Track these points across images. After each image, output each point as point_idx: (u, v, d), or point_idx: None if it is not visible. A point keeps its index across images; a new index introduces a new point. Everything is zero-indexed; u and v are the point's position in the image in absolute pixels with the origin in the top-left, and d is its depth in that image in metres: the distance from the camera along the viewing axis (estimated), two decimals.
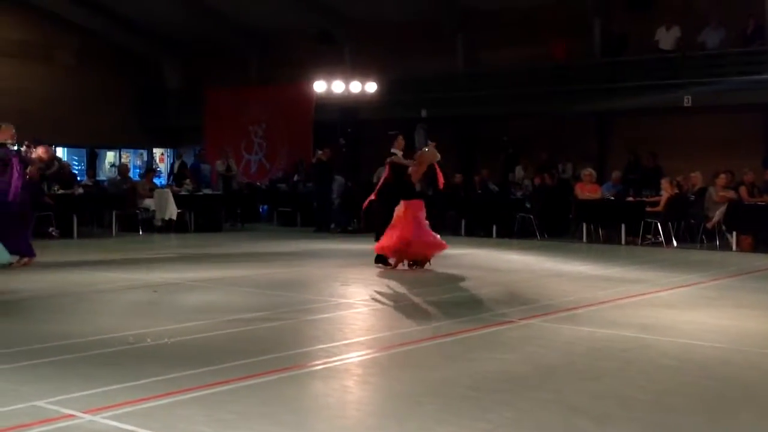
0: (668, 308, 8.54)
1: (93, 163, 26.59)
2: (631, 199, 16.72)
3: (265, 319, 7.72)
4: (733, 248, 14.86)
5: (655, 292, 9.71)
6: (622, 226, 16.18)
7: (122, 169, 21.90)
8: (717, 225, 15.28)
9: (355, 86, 20.88)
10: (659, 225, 15.59)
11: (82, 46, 26.71)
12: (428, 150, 12.21)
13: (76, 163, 26.56)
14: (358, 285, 10.35)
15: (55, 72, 26.14)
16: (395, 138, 12.42)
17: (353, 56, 24.49)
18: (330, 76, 21.10)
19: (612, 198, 17.11)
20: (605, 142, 21.75)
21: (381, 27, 23.90)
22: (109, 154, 28.21)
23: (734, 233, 15.03)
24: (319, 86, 21.07)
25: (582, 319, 7.84)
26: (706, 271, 11.73)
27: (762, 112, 19.12)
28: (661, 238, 15.50)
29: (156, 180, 21.48)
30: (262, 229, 20.14)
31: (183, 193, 19.08)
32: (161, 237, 17.51)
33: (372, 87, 20.96)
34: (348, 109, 21.48)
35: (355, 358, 6.31)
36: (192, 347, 6.56)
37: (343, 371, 5.91)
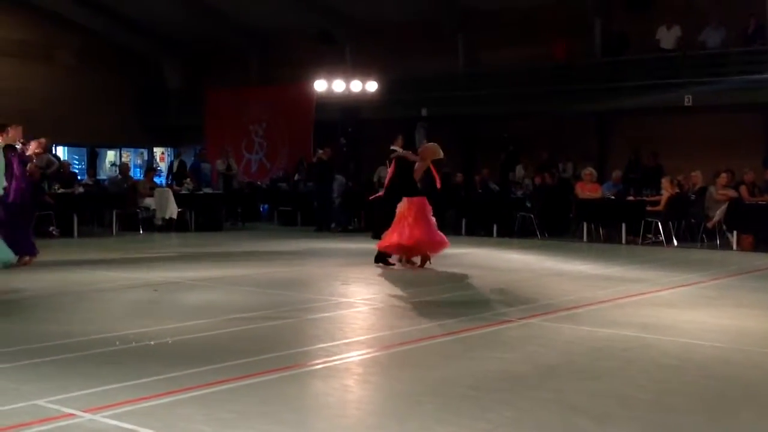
0: (669, 307, 8.54)
1: (93, 162, 26.61)
2: (631, 198, 16.72)
3: (266, 318, 7.72)
4: (734, 247, 14.86)
5: (656, 291, 9.71)
6: (623, 225, 16.18)
7: (123, 169, 21.92)
8: (717, 224, 15.28)
9: (356, 86, 20.88)
10: (660, 224, 15.58)
11: (82, 45, 26.73)
12: (430, 145, 12.20)
13: (77, 162, 26.59)
14: (359, 284, 10.35)
15: (55, 72, 26.16)
16: (395, 138, 12.42)
17: (354, 56, 24.50)
18: (331, 75, 21.11)
19: (612, 197, 17.10)
20: (606, 141, 21.76)
21: (381, 27, 23.91)
22: (110, 153, 28.23)
23: (735, 232, 15.03)
24: (319, 86, 21.07)
25: (582, 319, 7.84)
26: (706, 271, 11.73)
27: (762, 112, 19.12)
28: (662, 237, 15.50)
29: (156, 179, 21.48)
30: (263, 228, 20.14)
31: (183, 192, 19.08)
32: (162, 236, 17.51)
33: (373, 86, 20.96)
34: (349, 108, 21.49)
35: (355, 357, 6.31)
36: (192, 346, 6.56)
37: (343, 370, 5.91)
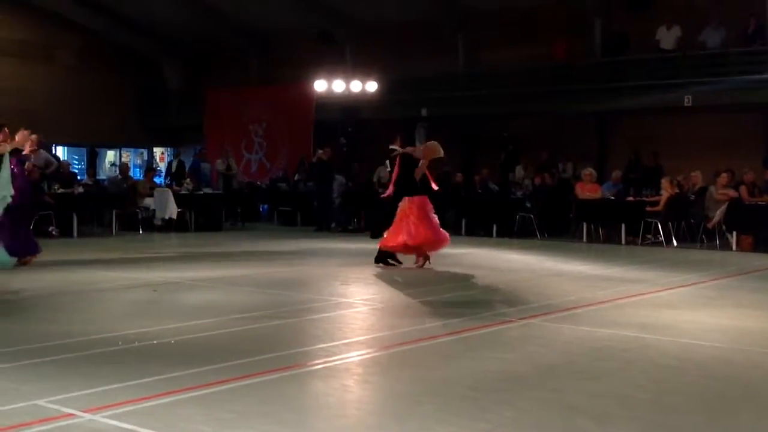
0: (668, 308, 8.54)
1: (93, 162, 26.60)
2: (631, 198, 16.72)
3: (266, 318, 7.72)
4: (733, 248, 14.86)
5: (655, 291, 9.71)
6: (622, 225, 16.19)
7: (123, 169, 21.91)
8: (717, 225, 15.28)
9: (356, 86, 20.89)
10: (659, 225, 15.58)
11: (82, 45, 26.73)
12: (430, 144, 12.19)
13: (77, 162, 26.58)
14: (359, 284, 10.36)
15: (55, 71, 26.15)
16: (393, 138, 12.42)
17: (354, 56, 24.50)
18: (331, 75, 21.11)
19: (612, 197, 17.11)
20: (605, 141, 21.76)
21: (382, 26, 23.91)
22: (110, 153, 28.23)
23: (734, 233, 15.03)
24: (319, 86, 21.07)
25: (582, 319, 7.84)
26: (706, 271, 11.73)
27: (762, 112, 19.12)
28: (661, 237, 15.50)
29: (156, 179, 21.46)
30: (263, 228, 20.13)
31: (183, 192, 19.07)
32: (161, 236, 17.51)
33: (373, 86, 20.96)
34: (349, 108, 21.49)
35: (355, 357, 6.31)
36: (192, 346, 6.56)
37: (343, 370, 5.91)
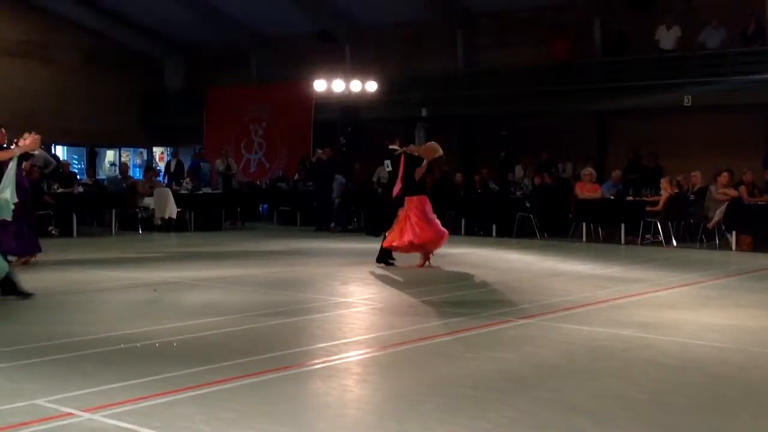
0: (668, 308, 8.54)
1: (93, 161, 26.58)
2: (630, 198, 16.71)
3: (265, 318, 7.72)
4: (733, 248, 14.85)
5: (655, 291, 9.71)
6: (622, 225, 16.18)
7: (122, 168, 21.89)
8: (717, 224, 15.27)
9: (356, 85, 20.87)
10: (659, 224, 15.58)
11: (83, 46, 26.71)
12: (430, 144, 12.22)
13: (76, 161, 26.57)
14: (358, 284, 10.36)
15: (55, 71, 26.13)
16: (393, 138, 12.43)
17: (354, 55, 24.49)
18: (330, 75, 21.09)
19: (612, 197, 17.10)
20: (605, 141, 21.76)
21: (381, 26, 23.90)
22: (109, 153, 28.21)
23: (734, 233, 15.02)
24: (319, 85, 21.05)
25: (581, 319, 7.84)
26: (705, 271, 11.73)
27: (762, 112, 19.11)
28: (661, 237, 15.50)
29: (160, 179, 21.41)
30: (262, 228, 20.13)
31: (183, 192, 19.06)
32: (161, 236, 17.50)
33: (372, 86, 20.94)
34: (348, 108, 21.48)
35: (354, 357, 6.31)
36: (192, 346, 6.56)
37: (342, 370, 5.91)
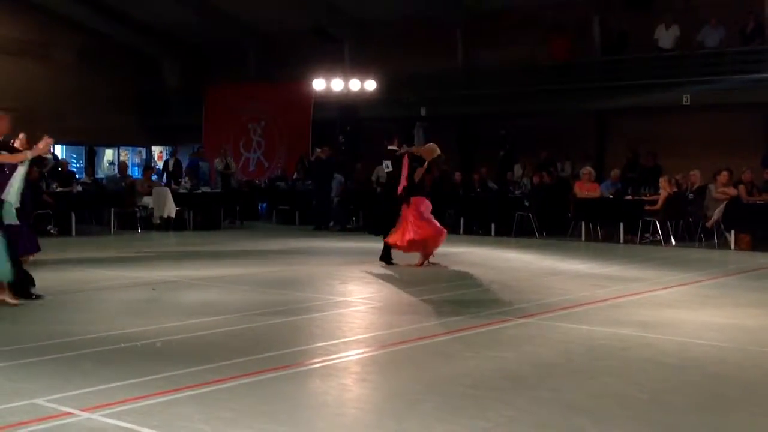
0: (667, 307, 8.55)
1: (92, 160, 26.55)
2: (629, 197, 16.71)
3: (264, 317, 7.72)
4: (732, 247, 14.85)
5: (654, 290, 9.71)
6: (621, 224, 16.18)
7: (121, 167, 21.86)
8: (715, 224, 15.27)
9: (355, 84, 20.85)
10: (657, 223, 15.58)
11: (81, 44, 26.67)
12: (428, 145, 12.24)
13: (75, 161, 26.54)
14: (357, 283, 10.36)
15: (54, 70, 26.10)
16: (392, 138, 12.43)
17: (353, 54, 24.47)
18: (329, 73, 21.07)
19: (611, 196, 17.10)
20: (604, 140, 21.75)
21: (380, 24, 23.88)
22: (108, 151, 28.19)
23: (733, 232, 15.02)
24: (318, 84, 21.03)
25: (580, 318, 7.85)
26: (704, 270, 11.73)
27: (761, 111, 19.10)
28: (660, 236, 15.50)
29: (153, 177, 21.33)
30: (261, 227, 20.12)
31: (181, 191, 19.04)
32: (160, 235, 17.49)
33: (371, 85, 20.93)
34: (347, 107, 21.47)
35: (353, 356, 6.31)
36: (191, 345, 6.56)
37: (341, 369, 5.91)
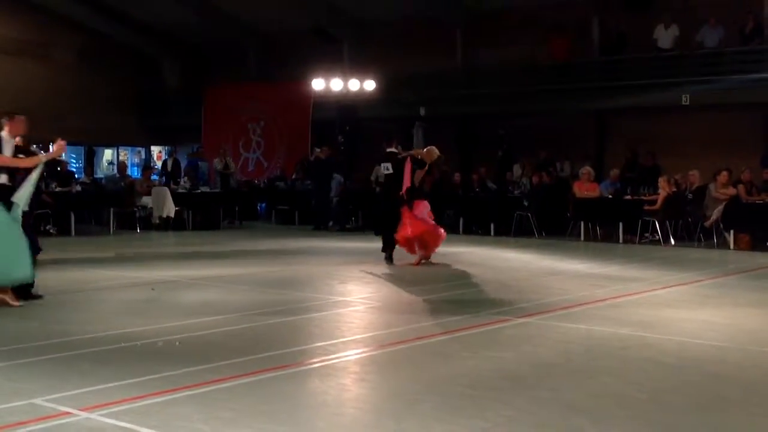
0: (666, 306, 8.55)
1: (91, 160, 26.53)
2: (628, 197, 16.72)
3: (263, 317, 7.72)
4: (731, 247, 14.85)
5: (653, 290, 9.71)
6: (620, 224, 16.18)
7: (120, 167, 21.84)
8: (715, 223, 15.27)
9: (354, 84, 20.84)
10: (657, 223, 15.59)
11: (81, 44, 26.65)
12: (428, 149, 12.27)
13: (74, 160, 26.51)
14: (356, 283, 10.36)
15: (53, 70, 26.08)
16: (390, 140, 12.46)
17: (352, 54, 24.47)
18: (328, 73, 21.07)
19: (610, 196, 17.11)
20: (603, 140, 21.75)
21: (380, 24, 23.88)
22: (107, 151, 28.16)
23: (732, 232, 15.02)
24: (317, 84, 21.03)
25: (579, 317, 7.85)
26: (703, 270, 11.73)
27: (760, 111, 19.10)
28: (659, 236, 15.50)
29: (154, 177, 21.32)
30: (260, 227, 20.12)
31: (181, 191, 19.04)
32: (159, 235, 17.50)
33: (370, 85, 20.92)
34: (346, 107, 21.45)
35: (352, 356, 6.31)
36: (190, 345, 6.55)
37: (340, 369, 5.91)
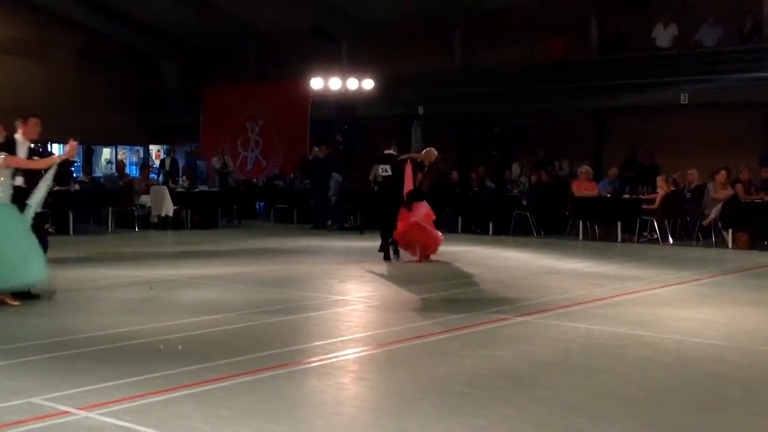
0: (664, 305, 8.55)
1: (89, 159, 26.52)
2: (627, 196, 16.72)
3: (262, 316, 7.72)
4: (729, 246, 14.85)
5: (651, 289, 9.72)
6: (618, 223, 16.19)
7: (119, 166, 21.84)
8: (713, 222, 15.28)
9: (353, 83, 20.84)
10: (655, 222, 15.60)
11: (80, 43, 26.64)
12: (427, 150, 12.32)
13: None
14: (355, 282, 10.36)
15: (52, 69, 26.07)
16: (389, 142, 12.48)
17: (351, 53, 24.45)
18: (327, 72, 21.06)
19: (608, 195, 17.11)
20: (602, 139, 21.74)
21: (378, 23, 23.87)
22: (105, 150, 28.18)
23: (730, 231, 15.03)
24: (315, 83, 21.02)
25: (578, 316, 7.85)
26: (702, 269, 11.74)
27: (759, 110, 19.09)
28: (657, 235, 15.51)
29: (152, 175, 21.32)
30: (259, 226, 20.11)
31: (179, 189, 19.03)
32: (157, 234, 17.49)
33: (369, 84, 20.91)
34: (345, 106, 21.44)
35: (351, 354, 6.31)
36: (189, 344, 6.55)
37: (339, 368, 5.91)
